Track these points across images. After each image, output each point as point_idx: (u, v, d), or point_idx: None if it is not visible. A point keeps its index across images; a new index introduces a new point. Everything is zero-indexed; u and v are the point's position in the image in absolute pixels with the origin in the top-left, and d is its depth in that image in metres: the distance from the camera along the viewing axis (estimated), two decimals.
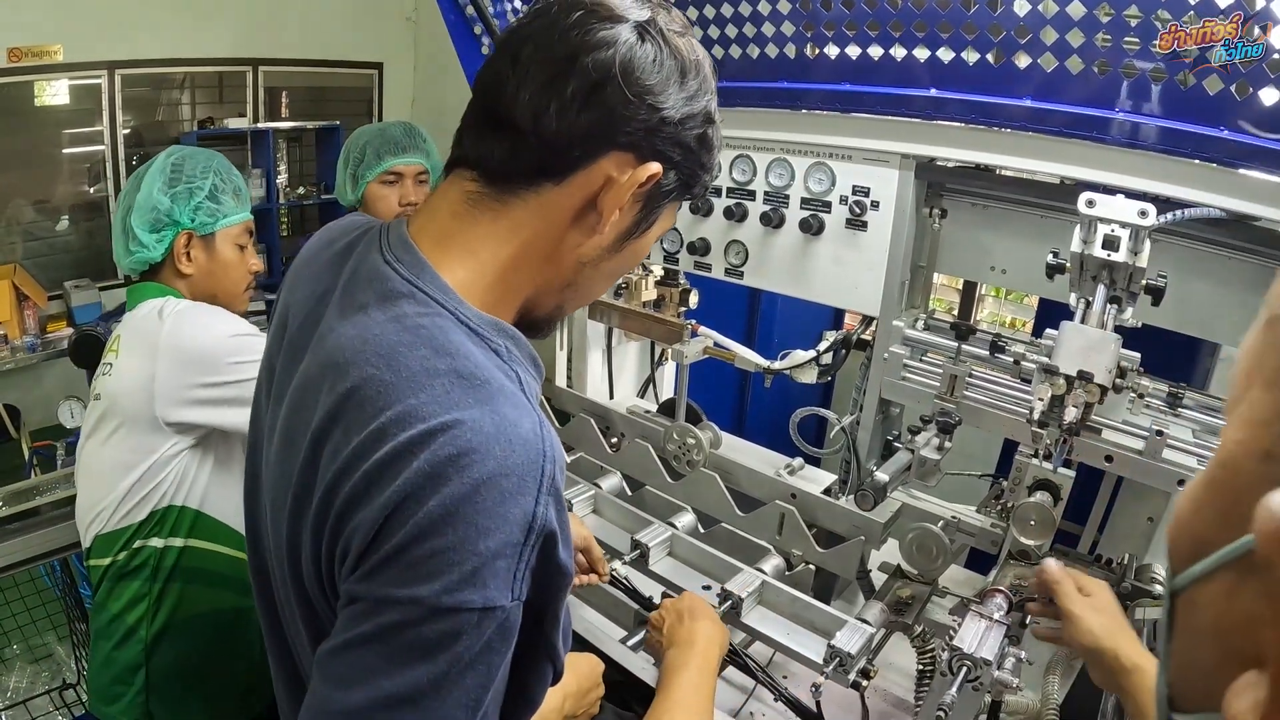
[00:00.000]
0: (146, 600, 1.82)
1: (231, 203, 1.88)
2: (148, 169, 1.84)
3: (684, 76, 0.91)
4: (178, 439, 1.75)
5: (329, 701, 0.77)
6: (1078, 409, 1.41)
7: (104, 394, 1.78)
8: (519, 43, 0.89)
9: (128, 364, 1.75)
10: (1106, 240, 1.41)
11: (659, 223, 1.00)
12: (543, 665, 0.92)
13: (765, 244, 2.04)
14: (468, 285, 0.91)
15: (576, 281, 0.98)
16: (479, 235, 0.92)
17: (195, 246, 1.85)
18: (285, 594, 0.96)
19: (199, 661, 1.88)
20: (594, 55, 0.85)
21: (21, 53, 4.00)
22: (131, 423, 1.73)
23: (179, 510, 1.80)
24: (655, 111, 0.89)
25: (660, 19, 0.91)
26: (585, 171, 0.89)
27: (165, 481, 1.77)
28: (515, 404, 0.81)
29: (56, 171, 4.47)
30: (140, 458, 1.74)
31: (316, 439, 0.84)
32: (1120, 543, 1.83)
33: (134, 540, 1.79)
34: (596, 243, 0.95)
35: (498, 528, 0.75)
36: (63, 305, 4.45)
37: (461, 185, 0.93)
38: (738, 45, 1.93)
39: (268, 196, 5.02)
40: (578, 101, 0.86)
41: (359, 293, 0.90)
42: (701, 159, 0.96)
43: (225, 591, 1.88)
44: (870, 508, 1.77)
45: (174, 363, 1.69)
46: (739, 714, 1.74)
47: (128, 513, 1.77)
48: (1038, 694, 1.74)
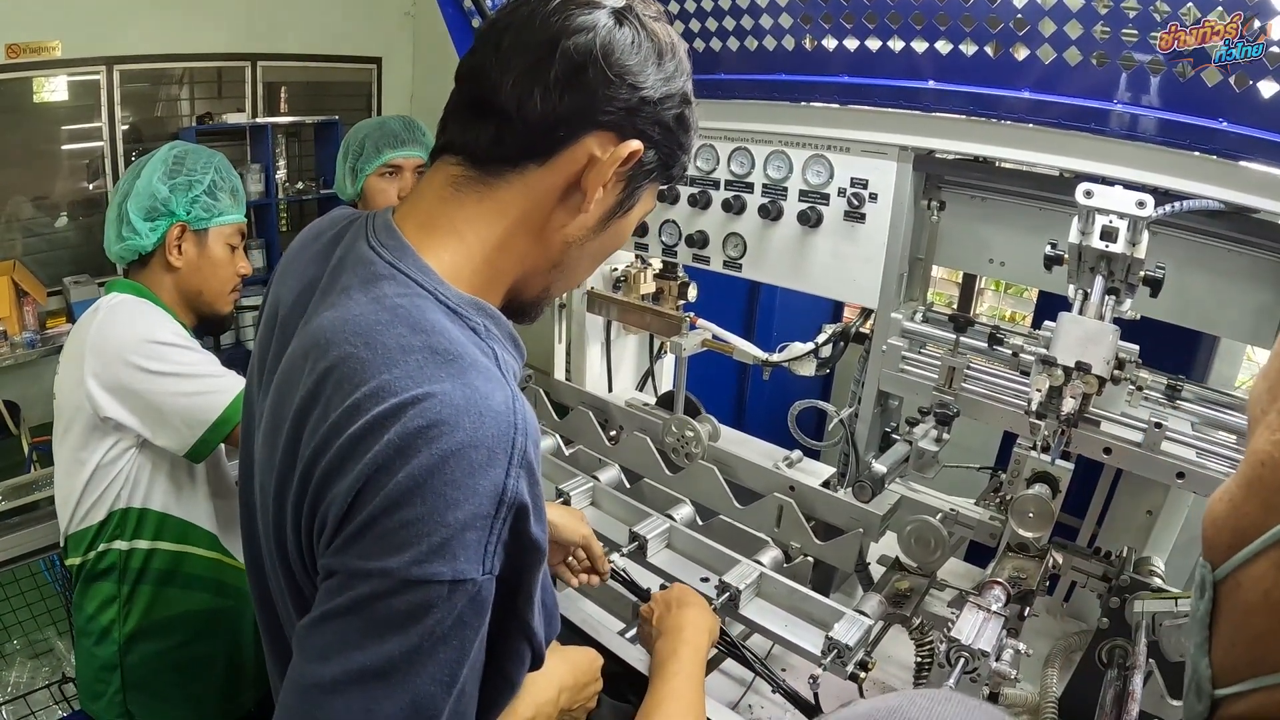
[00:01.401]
0: (117, 602, 1.82)
1: (228, 202, 1.88)
2: (149, 159, 1.85)
3: (661, 58, 0.95)
4: (117, 435, 1.73)
5: (305, 674, 0.77)
6: (1075, 400, 1.41)
7: (57, 392, 1.79)
8: (500, 31, 0.93)
9: (67, 359, 1.76)
10: (1104, 231, 1.41)
11: (640, 204, 1.03)
12: (520, 646, 0.93)
13: (764, 236, 2.04)
14: (455, 268, 0.94)
15: (563, 262, 1.01)
16: (464, 218, 0.95)
17: (187, 240, 1.84)
18: (275, 576, 0.97)
19: (175, 662, 1.88)
20: (574, 39, 0.89)
21: (20, 49, 3.99)
22: (74, 419, 1.73)
23: (139, 513, 1.79)
24: (635, 91, 0.92)
25: (636, 5, 0.95)
26: (569, 151, 0.93)
27: (117, 482, 1.76)
28: (488, 378, 0.83)
29: (55, 168, 4.46)
30: (88, 456, 1.73)
31: (298, 418, 0.86)
32: (1119, 536, 1.84)
33: (98, 542, 1.79)
34: (581, 222, 0.98)
35: (466, 499, 0.76)
36: (62, 301, 4.44)
37: (447, 171, 0.96)
38: (735, 38, 1.93)
39: (267, 191, 5.01)
40: (560, 84, 0.89)
41: (343, 277, 0.93)
42: (680, 138, 1.00)
43: (200, 593, 1.88)
44: (868, 499, 1.77)
45: (94, 353, 1.68)
46: (738, 706, 1.75)
47: (86, 513, 1.77)
48: (1036, 687, 1.75)
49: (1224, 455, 1.54)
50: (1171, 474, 1.56)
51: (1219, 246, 1.60)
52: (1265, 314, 1.59)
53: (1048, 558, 1.56)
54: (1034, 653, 1.71)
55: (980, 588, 1.46)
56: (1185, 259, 1.62)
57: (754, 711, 1.73)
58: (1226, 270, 1.61)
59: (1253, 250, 1.57)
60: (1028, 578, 1.50)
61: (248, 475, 1.08)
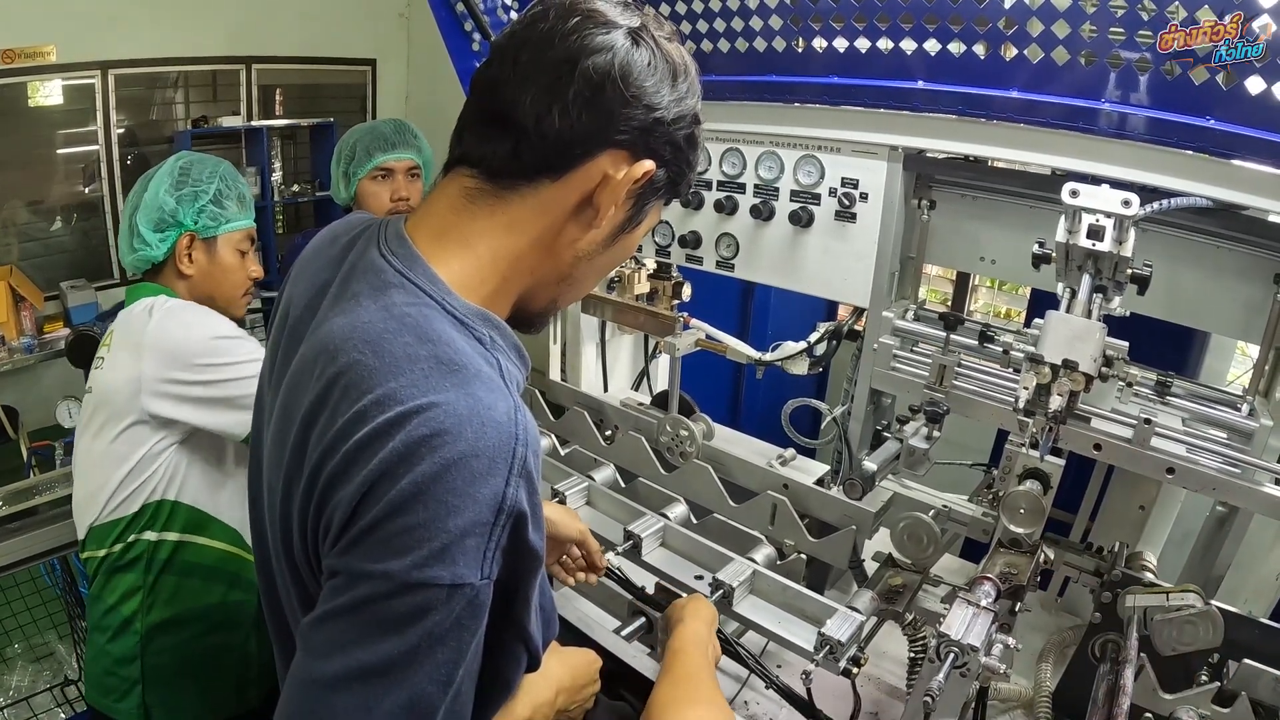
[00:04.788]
0: (141, 593, 1.84)
1: (235, 209, 1.93)
2: (156, 171, 1.89)
3: (675, 79, 0.97)
4: (164, 433, 1.78)
5: (308, 671, 0.79)
6: (1062, 397, 1.43)
7: (95, 387, 1.83)
8: (517, 47, 0.94)
9: (117, 358, 1.79)
10: (1091, 230, 1.41)
11: (648, 218, 1.05)
12: (516, 649, 0.95)
13: (756, 237, 2.05)
14: (464, 278, 0.95)
15: (572, 275, 1.04)
16: (477, 230, 0.97)
17: (197, 248, 1.90)
18: (282, 575, 0.99)
19: (193, 654, 1.90)
20: (593, 59, 0.91)
21: (14, 54, 3.99)
22: (120, 416, 1.76)
23: (172, 505, 1.83)
24: (650, 111, 0.95)
25: (650, 25, 0.97)
26: (583, 168, 0.95)
27: (156, 476, 1.80)
28: (491, 388, 0.85)
29: (51, 172, 4.46)
30: (129, 450, 1.77)
31: (306, 422, 0.88)
32: (1112, 531, 1.85)
33: (128, 534, 1.81)
34: (592, 237, 1.00)
35: (467, 507, 0.79)
36: (59, 306, 4.44)
37: (461, 182, 0.98)
38: (726, 39, 1.94)
39: (263, 194, 5.01)
40: (579, 103, 0.91)
41: (354, 284, 0.95)
42: (689, 157, 1.02)
43: (218, 585, 1.91)
44: (859, 496, 1.78)
45: (156, 358, 1.73)
46: (733, 702, 1.75)
47: (120, 505, 1.80)
48: (1030, 681, 1.76)
49: (1214, 451, 1.55)
50: (1161, 469, 1.57)
51: (1208, 243, 1.61)
52: (1255, 309, 1.61)
53: (1039, 553, 1.57)
54: (1028, 648, 1.72)
55: (971, 583, 1.47)
56: (1175, 256, 1.63)
57: (749, 708, 1.74)
58: (1216, 266, 1.62)
59: (1242, 246, 1.58)
60: (1019, 573, 1.51)
61: (257, 474, 1.10)
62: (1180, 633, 1.42)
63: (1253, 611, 1.65)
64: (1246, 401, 1.64)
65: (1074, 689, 1.60)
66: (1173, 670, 1.44)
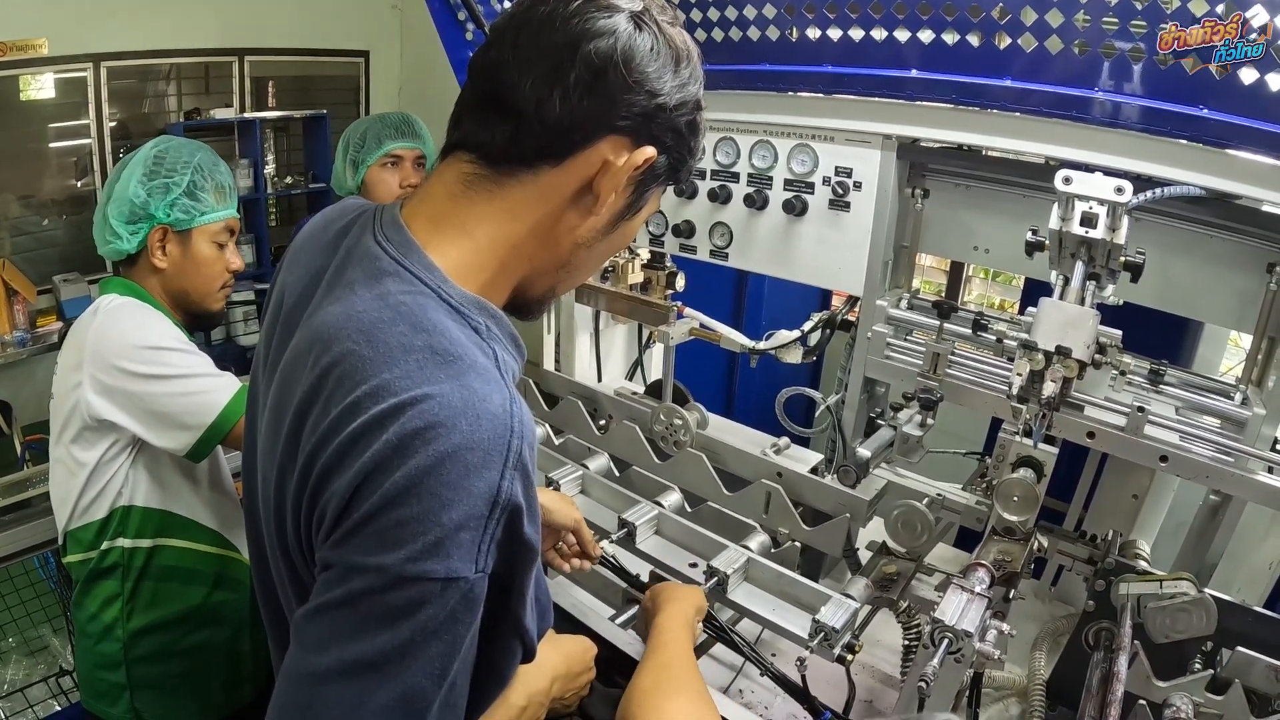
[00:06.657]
0: (120, 600, 1.82)
1: (212, 200, 1.83)
2: (131, 158, 1.82)
3: (678, 64, 0.95)
4: (114, 436, 1.72)
5: (301, 664, 0.79)
6: (1055, 384, 1.43)
7: (54, 391, 1.78)
8: (517, 30, 0.92)
9: (66, 360, 1.75)
10: (1084, 217, 1.42)
11: (648, 205, 1.04)
12: (511, 642, 0.94)
13: (749, 225, 2.05)
14: (461, 265, 0.94)
15: (571, 262, 1.02)
16: (475, 216, 0.95)
17: (170, 241, 1.81)
18: (276, 563, 0.98)
19: (178, 656, 1.89)
20: (595, 44, 0.89)
21: (6, 47, 3.97)
22: (72, 420, 1.72)
23: (141, 511, 1.79)
24: (653, 97, 0.93)
25: (653, 9, 0.95)
26: (584, 154, 0.93)
27: (115, 481, 1.76)
28: (487, 380, 0.84)
29: (43, 165, 4.43)
30: (87, 455, 1.73)
31: (300, 412, 0.87)
32: (1105, 519, 1.86)
33: (101, 540, 1.79)
34: (592, 224, 0.99)
35: (461, 500, 0.78)
36: (52, 299, 4.42)
37: (459, 167, 0.96)
38: (720, 28, 1.93)
39: (256, 186, 4.98)
40: (580, 88, 0.89)
41: (349, 271, 0.93)
42: (690, 144, 1.01)
43: (198, 587, 1.89)
44: (852, 483, 1.78)
45: (92, 359, 1.67)
46: (728, 690, 1.76)
47: (87, 508, 1.76)
48: (1024, 669, 1.77)
49: (1207, 439, 1.56)
50: (1154, 457, 1.57)
51: (1202, 232, 1.62)
52: (1248, 299, 1.61)
53: (1033, 541, 1.57)
54: (1022, 636, 1.73)
55: (965, 570, 1.47)
56: (1168, 245, 1.63)
57: (744, 695, 1.75)
58: (1210, 256, 1.62)
59: (1235, 236, 1.59)
60: (1013, 561, 1.52)
61: (251, 462, 1.09)
62: (1174, 620, 1.43)
63: (1246, 600, 1.66)
64: (1239, 390, 1.65)
65: (1068, 677, 1.60)
66: (1166, 658, 1.44)
